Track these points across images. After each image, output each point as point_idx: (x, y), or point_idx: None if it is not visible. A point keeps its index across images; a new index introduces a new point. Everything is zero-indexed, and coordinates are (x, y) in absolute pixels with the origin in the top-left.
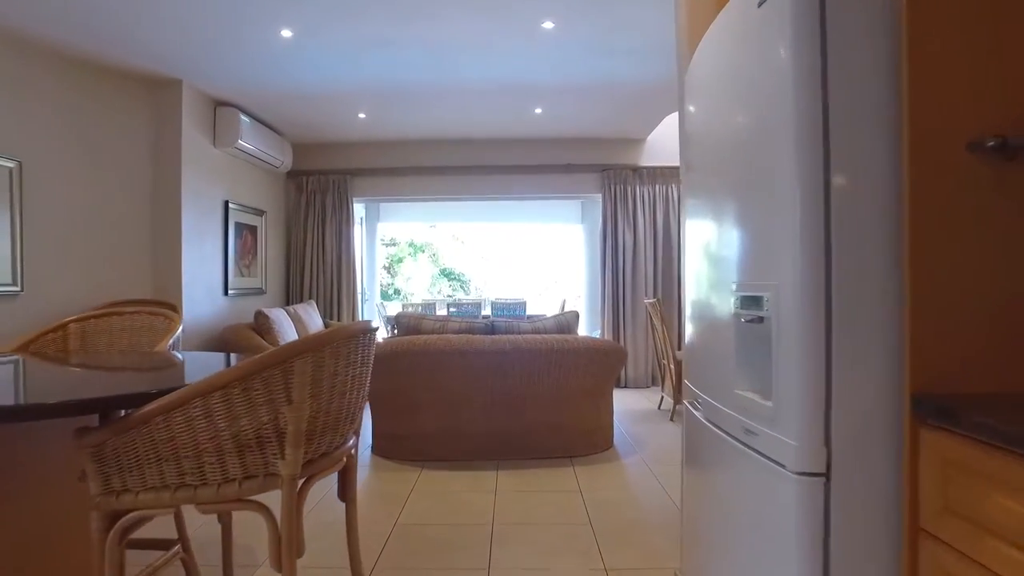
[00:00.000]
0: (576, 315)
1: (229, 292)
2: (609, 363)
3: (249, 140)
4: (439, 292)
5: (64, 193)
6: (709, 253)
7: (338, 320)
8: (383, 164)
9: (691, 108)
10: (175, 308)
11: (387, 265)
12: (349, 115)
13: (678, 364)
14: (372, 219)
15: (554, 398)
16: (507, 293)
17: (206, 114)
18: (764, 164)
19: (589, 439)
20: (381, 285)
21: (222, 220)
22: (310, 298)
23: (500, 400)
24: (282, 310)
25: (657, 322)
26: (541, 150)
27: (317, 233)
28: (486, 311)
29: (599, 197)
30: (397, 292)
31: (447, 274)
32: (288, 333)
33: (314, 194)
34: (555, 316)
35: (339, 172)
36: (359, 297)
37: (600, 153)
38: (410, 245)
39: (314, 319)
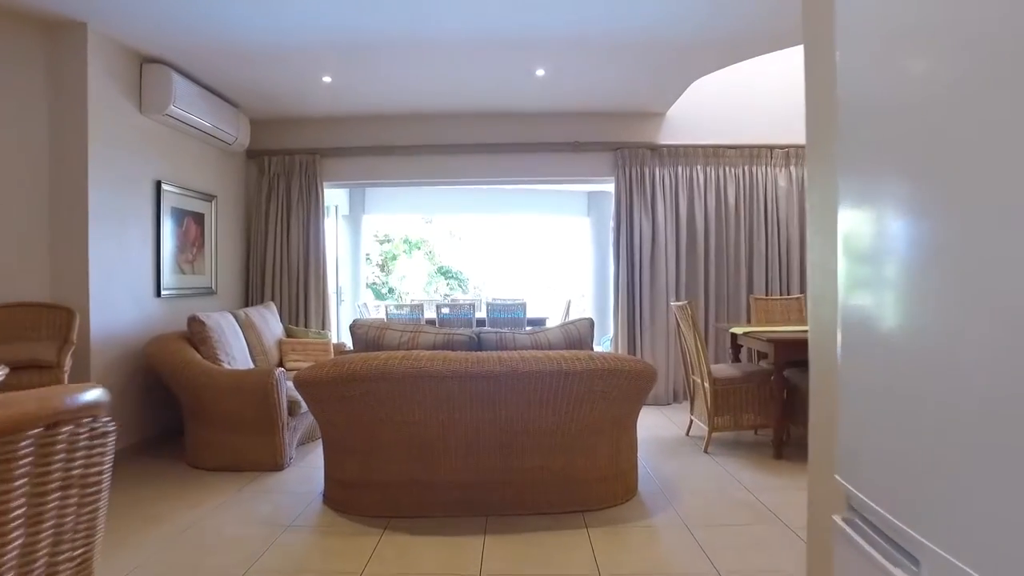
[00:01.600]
0: (591, 324)
1: (163, 293)
2: (636, 389)
3: (187, 106)
4: (435, 291)
5: None
6: (927, 263)
7: (304, 326)
8: (357, 143)
9: (864, 58)
10: (71, 313)
11: (381, 263)
12: (311, 78)
13: (714, 382)
14: (356, 210)
15: (561, 436)
16: (506, 293)
17: (128, 72)
18: None
19: (606, 488)
20: (375, 284)
21: (152, 204)
22: (273, 299)
23: (488, 439)
24: (229, 315)
25: (687, 330)
26: (544, 125)
27: (281, 222)
28: (481, 312)
29: (611, 181)
30: (392, 291)
31: (444, 272)
32: (233, 344)
33: (277, 177)
34: (563, 326)
35: (306, 151)
36: (330, 298)
37: (612, 129)
38: (405, 242)
39: (272, 326)
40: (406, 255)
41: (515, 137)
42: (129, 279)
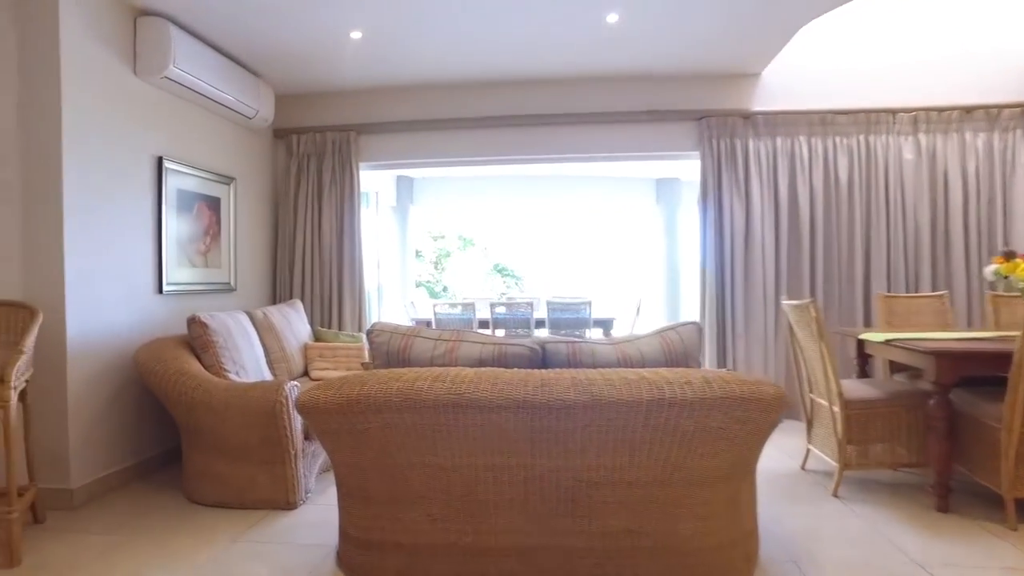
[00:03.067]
0: (697, 330)
1: (166, 289)
2: (766, 423)
3: (192, 68)
4: (491, 289)
5: None
6: None
7: (338, 328)
8: (396, 116)
9: None
10: (31, 313)
11: (435, 260)
12: (339, 33)
13: (847, 405)
14: (404, 201)
15: (660, 489)
16: (566, 290)
17: (118, 25)
18: None
19: (721, 559)
20: (428, 282)
21: (152, 185)
22: (303, 297)
23: (556, 491)
24: (241, 315)
25: (808, 337)
26: (614, 91)
27: (311, 210)
28: (541, 312)
29: (694, 156)
30: (446, 289)
31: (499, 270)
32: (244, 350)
33: (307, 158)
34: (660, 333)
35: (339, 128)
36: (367, 297)
37: (697, 93)
38: (459, 238)
39: (297, 328)
40: (460, 252)
41: (579, 106)
42: (120, 272)
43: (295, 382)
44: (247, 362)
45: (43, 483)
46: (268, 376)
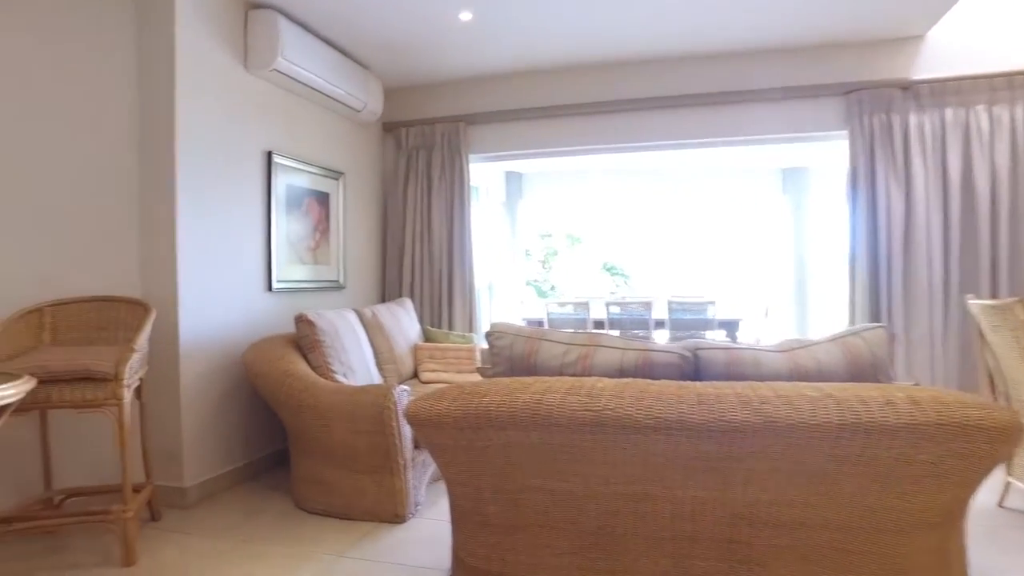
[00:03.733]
0: (886, 336)
1: (276, 286)
2: (990, 457)
3: (300, 60)
4: (600, 289)
5: None
6: None
7: (448, 328)
8: (507, 105)
9: None
10: (145, 311)
11: (542, 259)
12: (448, 16)
13: None
14: (513, 196)
15: (846, 535)
16: (684, 290)
17: (230, 19)
18: None
19: None
20: (535, 281)
21: (262, 179)
22: (412, 295)
23: (712, 531)
24: (350, 313)
25: (1010, 344)
26: (746, 66)
27: (420, 204)
28: (659, 313)
29: (841, 136)
30: (553, 288)
31: (608, 268)
32: (352, 350)
33: (416, 152)
34: (840, 339)
35: (448, 120)
36: (478, 295)
37: (844, 64)
38: (568, 236)
39: (406, 327)
40: (568, 250)
41: (705, 85)
42: (231, 269)
43: (405, 386)
44: (355, 363)
45: (158, 480)
46: (377, 378)
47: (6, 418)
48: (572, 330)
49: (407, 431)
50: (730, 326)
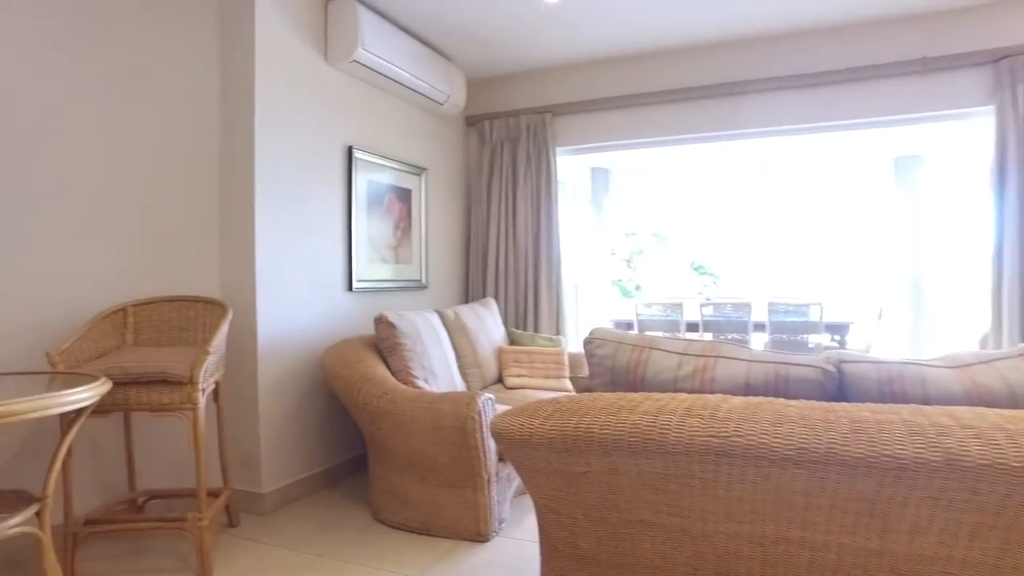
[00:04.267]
0: None
1: (356, 286)
2: None
3: (380, 50)
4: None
5: (61, 140)
6: None
7: (534, 330)
8: (597, 93)
9: None
10: (222, 311)
11: (627, 258)
12: (532, 0)
13: None
14: (599, 193)
15: None
16: (781, 291)
17: (310, 10)
18: None
19: None
20: (620, 281)
21: (342, 175)
22: (496, 295)
23: None
24: (432, 315)
25: None
26: (867, 38)
27: (505, 200)
28: (759, 315)
29: (985, 112)
30: (638, 288)
31: (696, 268)
32: (434, 353)
33: (500, 145)
34: None
35: (534, 111)
36: (565, 296)
37: (988, 27)
38: (653, 235)
39: (491, 329)
40: (654, 249)
41: (820, 63)
42: (310, 268)
43: (490, 395)
44: (437, 367)
45: (236, 484)
46: (460, 383)
47: (83, 420)
48: (667, 334)
49: (492, 443)
50: (839, 330)
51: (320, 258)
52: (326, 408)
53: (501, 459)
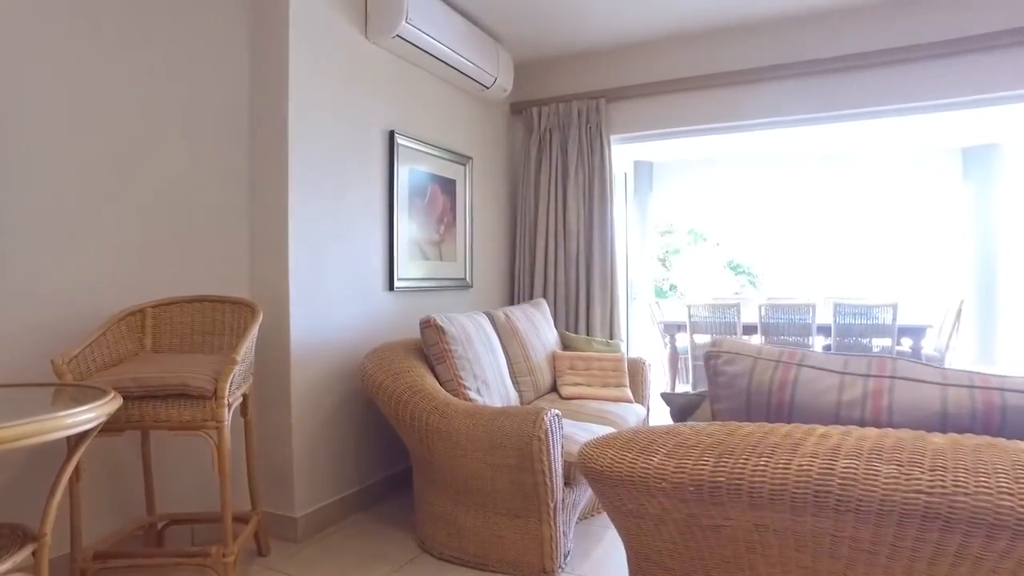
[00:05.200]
0: None
1: (398, 285)
2: None
3: (425, 25)
4: (724, 289)
5: (73, 121)
6: None
7: (586, 333)
8: (655, 76)
9: None
10: (252, 313)
11: (662, 257)
12: None
13: None
14: (643, 189)
15: None
16: (839, 293)
17: None
18: None
19: None
20: (655, 280)
21: (383, 163)
22: (544, 295)
23: None
24: (482, 317)
25: None
26: (957, 8)
27: (555, 193)
28: (824, 317)
29: None
30: (673, 288)
31: (734, 268)
32: (486, 361)
33: (549, 134)
34: None
35: (586, 96)
36: (618, 296)
37: None
38: (690, 233)
39: (543, 333)
40: (690, 248)
41: (895, 38)
42: (348, 265)
43: (556, 410)
44: (489, 376)
45: (267, 507)
46: (513, 394)
47: (89, 443)
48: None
49: (558, 466)
50: (914, 333)
51: (359, 254)
52: (363, 419)
53: (567, 483)
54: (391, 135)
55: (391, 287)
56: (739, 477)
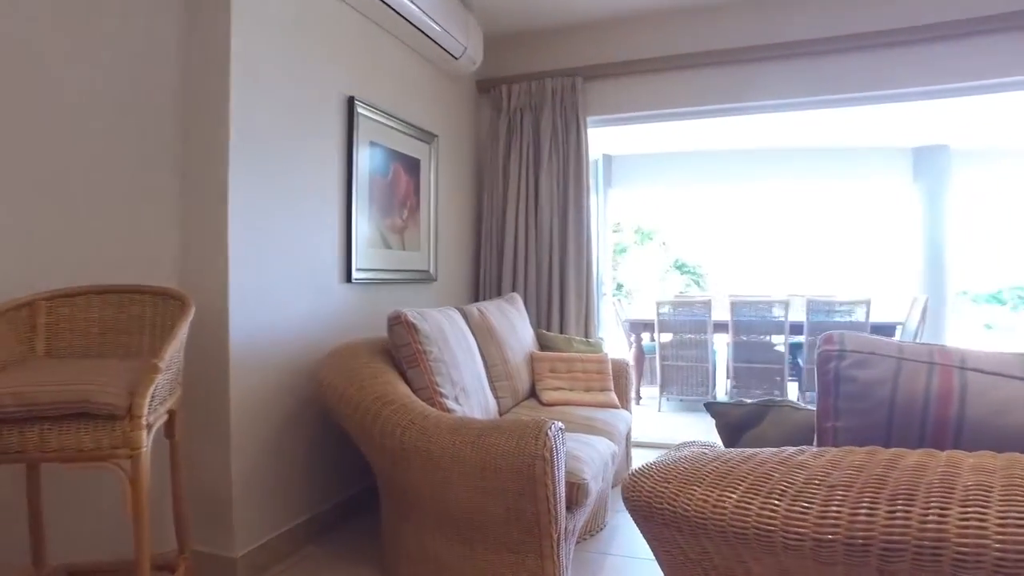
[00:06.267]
0: None
1: (356, 277)
2: None
3: None
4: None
5: None
6: None
7: (560, 331)
8: (638, 53)
9: None
10: (182, 307)
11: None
12: None
13: None
14: (604, 181)
15: None
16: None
17: None
18: None
19: None
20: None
21: (342, 135)
22: (513, 289)
23: None
24: (455, 313)
25: None
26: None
27: (526, 179)
28: (796, 315)
29: None
30: (620, 287)
31: (680, 267)
32: (463, 363)
33: (519, 114)
34: None
35: (561, 73)
36: (595, 292)
37: None
38: (637, 231)
39: (520, 332)
40: (637, 247)
41: (885, 19)
42: (300, 251)
43: (559, 422)
44: (468, 382)
45: (199, 545)
46: (492, 402)
47: None
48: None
49: (562, 489)
50: (886, 331)
51: (312, 239)
52: (317, 434)
53: (570, 507)
54: (350, 102)
55: (349, 279)
56: (939, 528)
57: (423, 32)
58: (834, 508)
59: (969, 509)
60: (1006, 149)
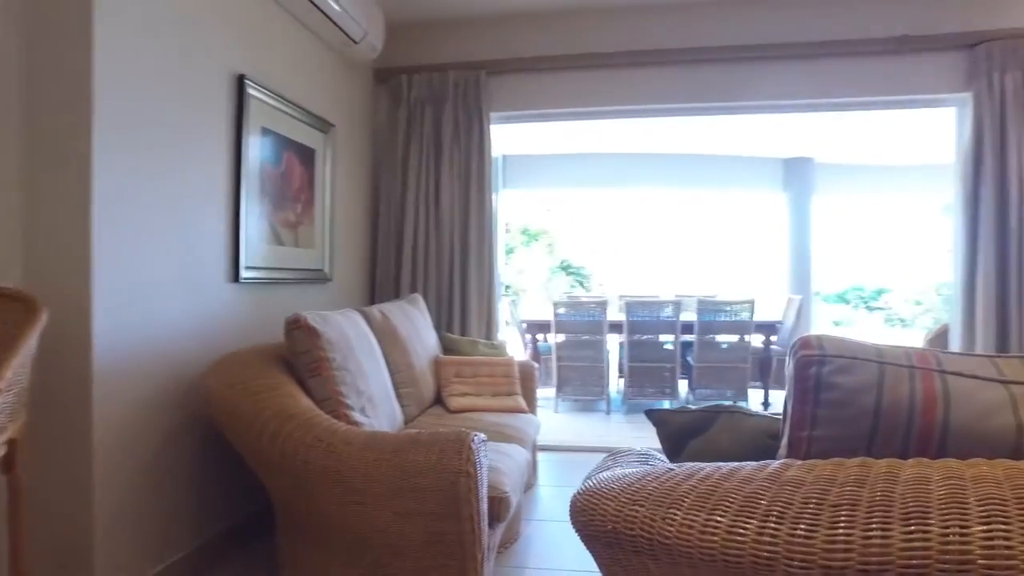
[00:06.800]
0: None
1: (244, 276)
2: None
3: None
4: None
5: None
6: None
7: (461, 333)
8: (543, 49)
9: None
10: (30, 312)
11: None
12: None
13: None
14: (498, 181)
15: None
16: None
17: None
18: None
19: None
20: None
21: (230, 116)
22: (412, 291)
23: None
24: (357, 316)
25: None
26: (846, 12)
27: (426, 174)
28: (687, 314)
29: (960, 100)
30: (508, 288)
31: (565, 268)
32: (369, 371)
33: (420, 106)
34: None
35: (465, 66)
36: (495, 294)
37: (973, 10)
38: (523, 232)
39: (424, 335)
40: (524, 247)
41: (786, 33)
42: (179, 245)
43: (481, 433)
44: (375, 391)
45: None
46: (398, 412)
47: None
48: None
49: (484, 506)
50: (768, 330)
51: (193, 231)
52: (207, 450)
53: (492, 523)
54: (240, 81)
55: (236, 278)
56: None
57: (321, 10)
58: (842, 530)
59: (993, 527)
60: (861, 165)
